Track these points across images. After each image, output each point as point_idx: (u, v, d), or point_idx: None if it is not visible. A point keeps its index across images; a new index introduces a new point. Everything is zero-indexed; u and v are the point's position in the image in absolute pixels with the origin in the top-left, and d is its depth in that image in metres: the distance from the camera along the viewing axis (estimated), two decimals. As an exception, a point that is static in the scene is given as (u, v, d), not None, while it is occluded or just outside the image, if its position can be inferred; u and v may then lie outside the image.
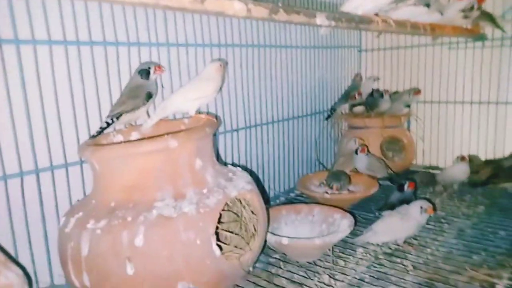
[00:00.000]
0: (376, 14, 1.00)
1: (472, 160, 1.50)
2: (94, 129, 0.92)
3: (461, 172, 1.45)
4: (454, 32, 1.36)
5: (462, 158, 1.45)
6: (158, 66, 0.95)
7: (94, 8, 0.95)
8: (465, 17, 1.32)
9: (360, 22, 0.86)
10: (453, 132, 1.77)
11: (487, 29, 1.57)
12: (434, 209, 1.12)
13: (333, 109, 1.76)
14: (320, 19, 0.74)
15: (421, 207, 1.08)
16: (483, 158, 1.65)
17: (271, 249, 1.08)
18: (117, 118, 0.88)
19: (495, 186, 1.48)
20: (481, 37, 1.58)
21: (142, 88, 0.92)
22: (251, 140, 1.43)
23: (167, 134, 0.78)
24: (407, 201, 1.20)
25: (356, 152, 1.50)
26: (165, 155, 0.76)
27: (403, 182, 1.28)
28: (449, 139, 1.79)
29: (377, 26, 0.91)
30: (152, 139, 0.77)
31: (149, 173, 0.76)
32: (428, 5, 1.07)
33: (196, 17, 1.18)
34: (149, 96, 0.93)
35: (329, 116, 1.76)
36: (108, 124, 0.86)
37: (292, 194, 1.58)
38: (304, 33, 1.60)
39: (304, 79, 1.65)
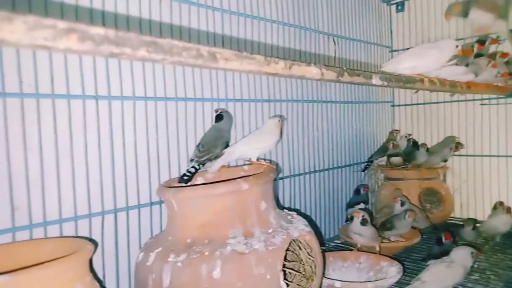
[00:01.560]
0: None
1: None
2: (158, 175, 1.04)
3: (504, 223, 1.46)
4: (487, 90, 1.46)
5: (508, 210, 1.47)
6: None
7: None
8: (496, 76, 1.43)
9: (406, 82, 0.97)
10: (489, 184, 1.80)
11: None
12: (481, 252, 1.14)
13: (370, 161, 1.83)
14: (375, 79, 0.85)
15: (472, 253, 1.11)
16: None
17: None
18: (203, 164, 1.00)
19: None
20: (511, 94, 1.67)
21: (221, 138, 1.04)
22: (294, 188, 1.51)
23: (230, 179, 0.87)
24: (447, 252, 1.22)
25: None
26: (236, 197, 0.85)
27: (441, 235, 1.31)
28: (485, 192, 1.81)
29: (422, 85, 1.01)
30: (225, 182, 0.86)
31: (222, 212, 0.84)
32: (467, 65, 1.19)
33: (250, 76, 1.34)
34: (227, 144, 1.05)
35: (366, 168, 1.83)
36: (196, 169, 0.98)
37: (335, 242, 1.62)
38: (342, 90, 1.73)
39: (343, 132, 1.75)
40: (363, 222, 1.29)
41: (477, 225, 1.58)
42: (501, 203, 1.51)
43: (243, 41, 1.32)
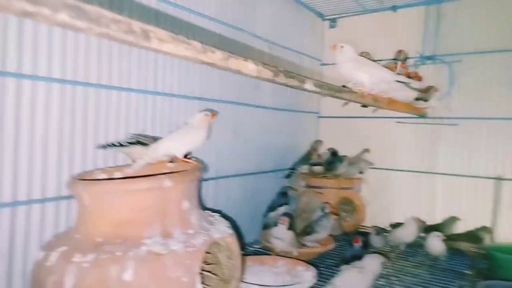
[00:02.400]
0: (344, 86, 1.17)
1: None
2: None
3: (411, 233, 1.58)
4: (404, 108, 1.58)
5: (417, 221, 1.59)
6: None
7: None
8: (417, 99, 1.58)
9: (337, 91, 1.00)
10: (399, 196, 1.95)
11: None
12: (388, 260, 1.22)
13: (293, 168, 1.87)
14: (308, 85, 0.86)
15: (382, 262, 1.18)
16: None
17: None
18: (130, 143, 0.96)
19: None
20: (423, 115, 1.83)
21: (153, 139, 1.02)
22: (219, 189, 1.48)
23: (150, 175, 0.81)
24: (358, 256, 1.30)
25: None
26: (158, 194, 0.79)
27: (351, 238, 1.39)
28: (395, 203, 1.96)
29: (350, 96, 1.05)
30: (146, 178, 0.80)
31: (141, 210, 0.78)
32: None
33: (183, 69, 1.28)
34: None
35: (289, 174, 1.87)
36: (120, 144, 0.96)
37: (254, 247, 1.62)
38: (274, 96, 1.76)
39: (271, 138, 1.77)
40: (287, 228, 1.31)
41: (385, 234, 1.70)
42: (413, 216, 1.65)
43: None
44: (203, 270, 0.84)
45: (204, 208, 1.20)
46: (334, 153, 1.94)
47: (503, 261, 1.25)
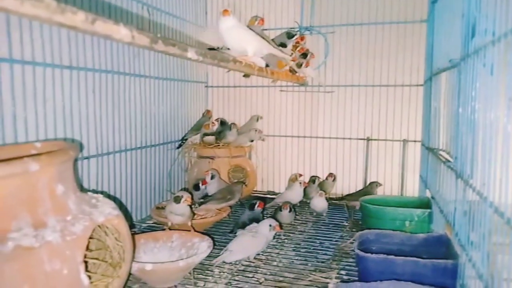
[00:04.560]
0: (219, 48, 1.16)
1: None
2: None
3: (298, 194, 1.70)
4: (286, 78, 1.65)
5: (302, 183, 1.70)
6: None
7: None
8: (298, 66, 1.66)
9: (221, 60, 0.97)
10: (284, 161, 2.07)
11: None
12: (281, 226, 1.29)
13: (184, 139, 1.83)
14: (191, 53, 0.82)
15: (270, 225, 1.24)
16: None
17: (130, 279, 1.05)
18: None
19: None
20: (304, 84, 1.94)
21: None
22: (102, 168, 1.36)
23: (11, 159, 0.70)
24: (256, 219, 1.35)
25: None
26: (22, 180, 0.68)
27: (254, 202, 1.43)
28: (281, 167, 2.08)
29: (234, 66, 1.04)
30: (6, 162, 0.68)
31: (1, 200, 0.66)
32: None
33: (48, 34, 1.11)
34: None
35: (180, 146, 1.83)
36: None
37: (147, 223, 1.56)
38: (157, 65, 1.66)
39: (157, 109, 1.68)
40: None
41: (274, 196, 1.80)
42: (298, 175, 1.77)
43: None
44: (87, 258, 0.77)
45: (85, 190, 1.10)
46: (222, 122, 1.95)
47: (373, 213, 1.43)
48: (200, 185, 1.59)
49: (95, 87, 1.32)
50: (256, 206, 1.42)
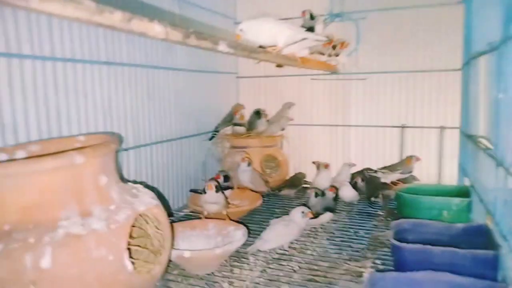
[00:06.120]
0: (261, 46, 1.15)
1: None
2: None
3: (326, 179, 1.69)
4: (317, 66, 1.63)
5: (326, 166, 1.70)
6: None
7: None
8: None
9: (252, 51, 0.98)
10: (316, 149, 2.06)
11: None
12: (312, 213, 1.29)
13: (216, 130, 1.86)
14: (222, 46, 0.83)
15: (302, 212, 1.25)
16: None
17: (169, 266, 1.09)
18: None
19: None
20: (335, 72, 1.91)
21: None
22: (140, 159, 1.42)
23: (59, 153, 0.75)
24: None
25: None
26: (69, 172, 0.73)
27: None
28: (313, 155, 2.06)
29: (265, 56, 1.05)
30: (54, 155, 0.73)
31: (51, 191, 0.71)
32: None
33: (86, 33, 1.16)
34: None
35: (212, 137, 1.86)
36: None
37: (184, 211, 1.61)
38: (188, 58, 1.69)
39: (189, 101, 1.72)
40: (217, 190, 1.32)
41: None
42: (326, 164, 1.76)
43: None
44: (130, 245, 0.82)
45: (126, 181, 1.15)
46: (257, 112, 1.96)
47: (409, 202, 1.40)
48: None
49: (131, 81, 1.36)
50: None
